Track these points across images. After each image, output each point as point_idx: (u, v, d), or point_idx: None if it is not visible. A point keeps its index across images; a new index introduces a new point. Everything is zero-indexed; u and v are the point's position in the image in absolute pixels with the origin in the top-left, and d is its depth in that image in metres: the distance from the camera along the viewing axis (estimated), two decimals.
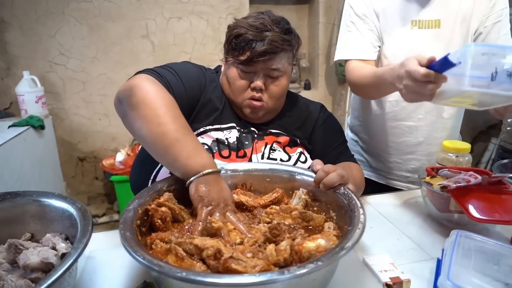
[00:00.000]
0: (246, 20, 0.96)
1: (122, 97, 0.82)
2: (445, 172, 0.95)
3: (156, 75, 0.89)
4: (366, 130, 1.34)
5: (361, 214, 0.65)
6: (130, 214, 0.65)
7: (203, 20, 2.61)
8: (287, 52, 0.97)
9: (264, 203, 0.80)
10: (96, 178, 2.69)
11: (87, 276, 0.71)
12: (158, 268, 0.50)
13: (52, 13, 2.31)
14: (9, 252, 0.64)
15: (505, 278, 0.59)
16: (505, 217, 0.76)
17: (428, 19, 1.11)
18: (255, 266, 0.54)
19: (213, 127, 0.99)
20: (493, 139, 2.90)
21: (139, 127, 0.79)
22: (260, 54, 0.91)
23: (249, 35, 0.92)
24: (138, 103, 0.79)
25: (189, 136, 0.78)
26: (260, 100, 0.97)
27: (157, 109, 0.78)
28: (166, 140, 0.76)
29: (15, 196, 0.72)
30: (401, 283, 0.66)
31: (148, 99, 0.79)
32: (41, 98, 2.20)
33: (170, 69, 0.95)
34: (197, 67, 1.04)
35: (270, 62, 0.94)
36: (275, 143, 1.02)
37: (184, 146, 0.75)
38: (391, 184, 1.32)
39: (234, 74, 0.97)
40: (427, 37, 1.13)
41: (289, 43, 0.96)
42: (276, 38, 0.92)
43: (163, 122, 0.77)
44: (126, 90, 0.82)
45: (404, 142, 1.25)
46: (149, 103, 0.79)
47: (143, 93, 0.80)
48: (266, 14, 0.97)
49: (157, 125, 0.76)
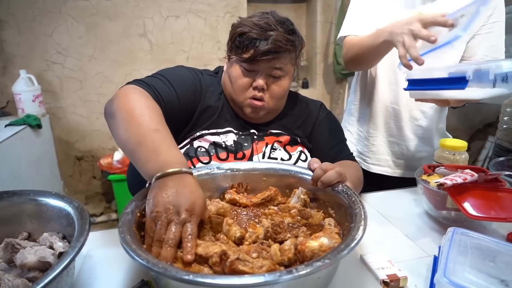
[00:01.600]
0: (251, 19, 0.95)
1: (105, 108, 0.84)
2: (442, 170, 0.96)
3: (142, 85, 0.88)
4: (358, 113, 1.37)
5: (362, 210, 0.65)
6: (129, 217, 0.65)
7: (200, 19, 2.60)
8: (290, 52, 0.96)
9: (257, 201, 0.81)
10: (93, 177, 2.69)
11: (84, 275, 0.71)
12: (162, 271, 0.50)
13: (49, 12, 2.30)
14: (6, 251, 0.64)
15: (501, 274, 0.59)
16: (501, 215, 0.77)
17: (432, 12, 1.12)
18: (261, 267, 0.54)
19: (209, 131, 0.99)
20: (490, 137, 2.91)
21: (115, 135, 0.78)
22: (264, 53, 0.91)
23: (253, 33, 0.92)
24: (114, 112, 0.79)
25: (150, 137, 0.73)
26: (261, 99, 0.97)
27: (129, 116, 0.77)
28: (130, 145, 0.73)
29: (12, 195, 0.72)
30: (398, 280, 0.66)
31: (123, 107, 0.79)
32: (38, 97, 2.19)
33: (161, 77, 0.94)
34: (192, 72, 1.02)
35: (273, 62, 0.93)
36: (276, 142, 1.02)
37: (143, 149, 0.71)
38: (372, 169, 1.35)
39: (237, 72, 0.97)
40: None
41: (293, 43, 0.95)
42: (280, 38, 0.92)
43: (131, 126, 0.75)
44: (108, 101, 0.83)
45: (388, 124, 1.28)
46: (123, 111, 0.78)
47: (120, 101, 0.80)
48: (270, 14, 0.97)
49: (124, 131, 0.75)
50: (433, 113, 1.25)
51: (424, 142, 1.28)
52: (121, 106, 0.79)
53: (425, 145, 1.28)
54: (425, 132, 1.26)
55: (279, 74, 0.96)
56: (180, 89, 0.95)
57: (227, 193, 0.83)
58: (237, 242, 0.66)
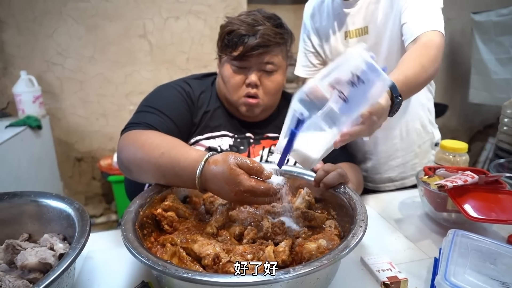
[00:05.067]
0: (238, 17, 0.96)
1: (118, 166, 0.84)
2: (442, 171, 0.96)
3: (136, 126, 0.88)
4: None
5: (363, 212, 0.65)
6: (132, 215, 0.65)
7: (200, 20, 2.61)
8: (280, 45, 0.97)
9: None
10: (93, 178, 2.68)
11: (85, 277, 0.71)
12: (162, 268, 0.50)
13: (49, 13, 2.30)
14: (7, 252, 0.64)
15: (502, 277, 0.59)
16: (502, 216, 0.77)
17: (357, 27, 1.09)
18: (253, 269, 0.54)
19: (203, 136, 0.98)
20: (490, 139, 2.91)
21: (146, 170, 0.77)
22: (253, 48, 0.91)
23: (242, 30, 0.92)
24: (128, 161, 0.80)
25: (177, 148, 0.75)
26: (255, 97, 0.97)
27: (141, 144, 0.78)
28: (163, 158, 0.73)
29: (13, 196, 0.72)
30: (398, 282, 0.66)
31: (131, 151, 0.79)
32: (38, 98, 2.18)
33: (151, 109, 0.93)
34: (178, 88, 1.01)
35: (263, 56, 0.94)
36: (273, 146, 1.02)
37: (175, 155, 0.72)
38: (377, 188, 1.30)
39: (228, 72, 0.97)
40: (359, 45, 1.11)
41: (281, 36, 0.96)
42: (268, 32, 0.92)
43: (152, 148, 0.75)
44: (117, 158, 0.84)
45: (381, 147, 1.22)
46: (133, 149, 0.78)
47: (128, 150, 0.80)
48: (257, 11, 0.97)
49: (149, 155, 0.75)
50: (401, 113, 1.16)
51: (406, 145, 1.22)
52: (129, 152, 0.79)
53: (408, 149, 1.22)
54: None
55: (271, 68, 0.96)
56: (173, 114, 0.94)
57: None
58: (237, 238, 0.67)
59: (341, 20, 1.12)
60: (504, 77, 2.60)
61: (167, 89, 1.01)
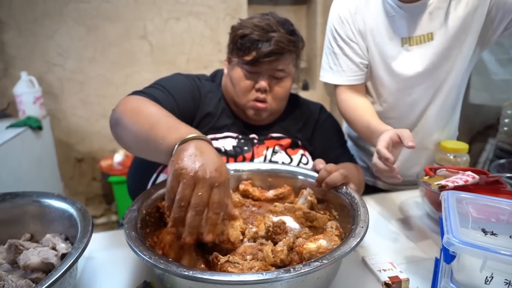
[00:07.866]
0: (251, 20, 0.95)
1: (110, 120, 0.81)
2: (443, 172, 0.96)
3: (142, 94, 0.88)
4: None
5: (364, 212, 0.66)
6: (134, 214, 0.65)
7: (201, 21, 2.61)
8: (292, 53, 0.97)
9: (270, 197, 0.81)
10: (94, 179, 2.69)
11: (87, 277, 0.71)
12: (164, 267, 0.51)
13: (50, 14, 2.31)
14: (9, 252, 0.64)
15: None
16: None
17: (419, 34, 0.99)
18: (251, 268, 0.55)
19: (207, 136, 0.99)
20: (491, 139, 2.91)
21: (125, 135, 0.75)
22: (266, 54, 0.91)
23: (255, 35, 0.92)
24: (119, 117, 0.77)
25: (164, 120, 0.70)
26: (264, 101, 0.97)
27: (136, 112, 0.75)
28: (143, 133, 0.69)
29: (15, 196, 0.72)
30: (400, 282, 0.66)
31: (128, 108, 0.77)
32: (38, 99, 2.19)
33: (159, 86, 0.94)
34: (190, 79, 1.02)
35: (276, 63, 0.94)
36: (277, 146, 1.02)
37: (160, 129, 0.67)
38: (395, 189, 1.25)
39: (239, 75, 0.96)
40: (419, 53, 1.01)
41: (295, 44, 0.96)
42: (282, 39, 0.92)
43: (140, 118, 0.72)
44: (112, 112, 0.81)
45: None
46: (128, 111, 0.76)
47: (124, 106, 0.79)
48: (270, 15, 0.97)
49: (134, 124, 0.72)
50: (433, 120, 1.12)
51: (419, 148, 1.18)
52: (125, 109, 0.78)
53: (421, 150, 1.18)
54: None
55: (281, 75, 0.96)
56: (178, 96, 0.94)
57: (241, 183, 0.84)
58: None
59: (396, 24, 1.00)
60: (504, 78, 2.60)
61: (180, 76, 1.02)
